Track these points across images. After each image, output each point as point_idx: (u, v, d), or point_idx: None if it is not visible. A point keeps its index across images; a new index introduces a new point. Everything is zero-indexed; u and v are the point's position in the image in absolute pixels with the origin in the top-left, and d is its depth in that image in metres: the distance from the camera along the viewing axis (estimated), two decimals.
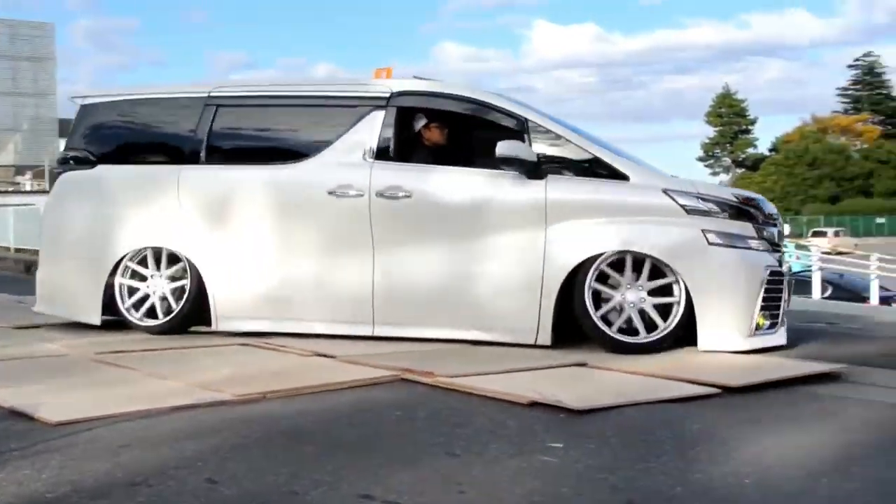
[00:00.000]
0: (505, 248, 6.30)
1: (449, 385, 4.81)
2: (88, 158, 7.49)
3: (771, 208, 6.65)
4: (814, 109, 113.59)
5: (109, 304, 7.14)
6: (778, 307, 6.31)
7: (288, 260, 6.76)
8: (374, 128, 6.68)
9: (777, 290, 6.27)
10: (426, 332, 6.43)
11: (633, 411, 4.28)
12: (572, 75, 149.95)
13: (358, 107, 6.82)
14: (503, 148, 6.26)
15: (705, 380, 4.89)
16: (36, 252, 9.10)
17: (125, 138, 7.73)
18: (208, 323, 6.92)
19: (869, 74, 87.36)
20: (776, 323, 6.31)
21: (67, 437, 3.77)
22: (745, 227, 6.26)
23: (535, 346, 6.15)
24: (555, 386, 4.77)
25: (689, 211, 6.18)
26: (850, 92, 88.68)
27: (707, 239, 6.09)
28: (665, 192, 6.24)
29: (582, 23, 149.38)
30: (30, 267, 17.52)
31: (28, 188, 49.22)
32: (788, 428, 4.09)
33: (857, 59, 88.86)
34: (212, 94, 7.24)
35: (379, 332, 6.52)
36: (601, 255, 6.15)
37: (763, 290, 6.13)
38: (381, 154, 6.63)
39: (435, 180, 6.58)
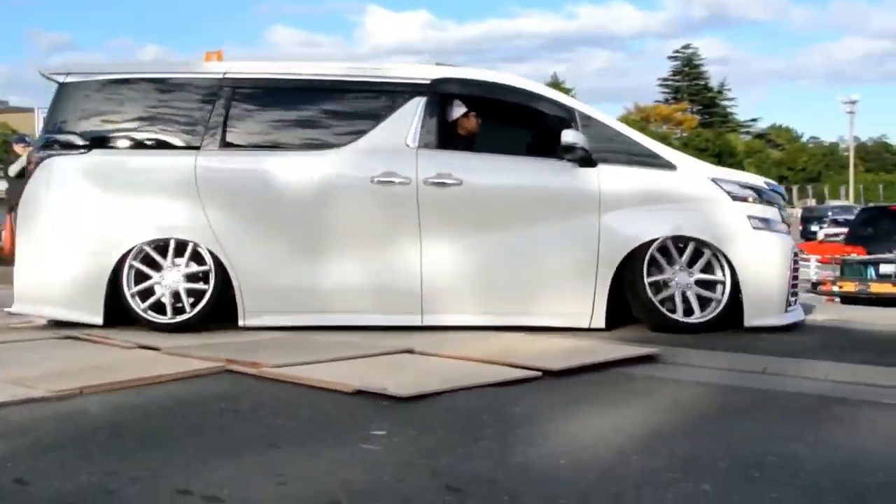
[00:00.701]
0: (558, 235, 6.45)
1: (274, 375, 4.77)
2: (78, 143, 6.71)
3: (784, 194, 7.12)
4: (637, 99, 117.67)
5: (111, 302, 6.52)
6: (797, 285, 6.84)
7: (326, 250, 6.50)
8: (416, 115, 6.58)
9: (797, 269, 6.81)
10: (477, 319, 6.44)
11: (457, 396, 4.35)
12: (406, 62, 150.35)
13: (397, 93, 6.68)
14: (568, 136, 6.39)
15: (528, 364, 5.02)
16: None
17: (124, 122, 6.87)
18: (229, 318, 6.51)
19: (687, 66, 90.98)
20: (797, 300, 6.86)
21: None
22: (775, 212, 6.75)
23: (588, 329, 6.40)
24: (381, 373, 4.82)
25: (734, 198, 6.60)
26: (670, 82, 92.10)
27: (751, 224, 6.54)
28: (712, 180, 6.63)
29: (415, 9, 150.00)
30: None
31: None
32: (604, 409, 4.26)
33: (676, 51, 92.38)
34: (228, 76, 6.77)
35: (428, 321, 6.45)
36: (656, 239, 6.43)
37: (792, 269, 6.64)
38: (425, 141, 6.54)
39: (486, 168, 6.65)
